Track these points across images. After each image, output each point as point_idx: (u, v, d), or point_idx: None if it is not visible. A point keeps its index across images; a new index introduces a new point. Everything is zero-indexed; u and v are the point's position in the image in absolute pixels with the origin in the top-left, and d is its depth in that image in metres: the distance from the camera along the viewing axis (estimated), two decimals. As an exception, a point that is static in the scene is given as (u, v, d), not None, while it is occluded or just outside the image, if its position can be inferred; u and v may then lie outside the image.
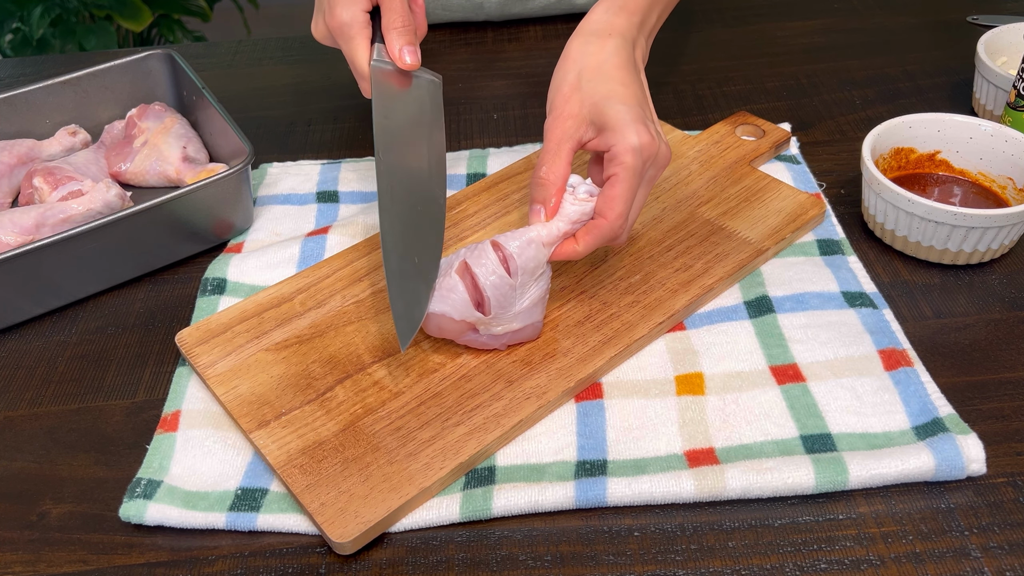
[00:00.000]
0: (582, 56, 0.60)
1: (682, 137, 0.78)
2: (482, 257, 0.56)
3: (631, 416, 0.57)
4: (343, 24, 0.62)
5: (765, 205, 0.69)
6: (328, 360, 0.60)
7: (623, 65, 0.60)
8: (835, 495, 0.52)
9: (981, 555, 0.49)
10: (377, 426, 0.56)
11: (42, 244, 0.62)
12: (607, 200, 0.56)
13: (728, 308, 0.63)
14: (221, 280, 0.69)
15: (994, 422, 0.56)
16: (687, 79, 0.89)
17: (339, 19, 0.62)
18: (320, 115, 0.89)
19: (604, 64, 0.60)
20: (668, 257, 0.66)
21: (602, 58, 0.60)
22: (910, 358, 0.58)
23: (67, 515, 0.55)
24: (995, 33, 0.81)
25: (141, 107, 0.80)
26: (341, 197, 0.77)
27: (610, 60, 0.60)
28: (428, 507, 0.53)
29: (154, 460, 0.56)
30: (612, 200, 0.56)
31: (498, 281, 0.56)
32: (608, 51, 0.60)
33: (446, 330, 0.57)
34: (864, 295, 0.63)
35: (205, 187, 0.67)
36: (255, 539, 0.53)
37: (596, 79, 0.59)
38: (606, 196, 0.56)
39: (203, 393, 0.60)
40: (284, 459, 0.54)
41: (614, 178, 0.56)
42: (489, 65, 0.94)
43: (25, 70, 1.00)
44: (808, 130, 0.81)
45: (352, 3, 0.62)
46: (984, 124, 0.69)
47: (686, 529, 0.52)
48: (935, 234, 0.64)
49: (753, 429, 0.55)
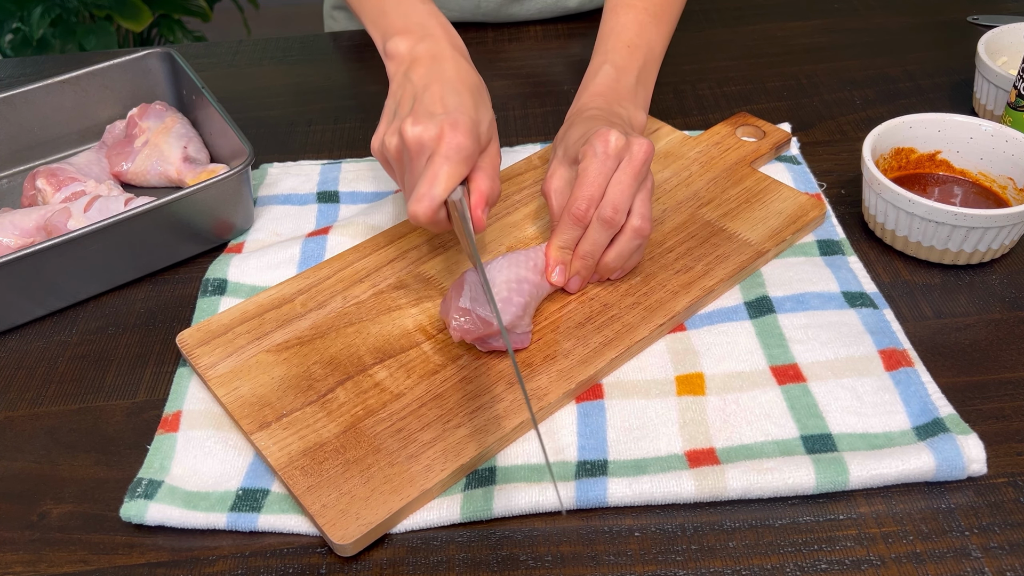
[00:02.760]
0: None
1: (682, 138, 0.78)
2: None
3: (631, 416, 0.57)
4: (462, 146, 0.56)
5: (766, 206, 0.70)
6: (329, 361, 0.60)
7: (595, 119, 0.65)
8: (835, 495, 0.53)
9: (981, 555, 0.49)
10: (378, 427, 0.56)
11: (43, 247, 0.62)
12: (577, 180, 0.60)
13: (728, 308, 0.63)
14: (222, 281, 0.69)
15: (994, 422, 0.56)
16: (687, 79, 0.89)
17: (461, 140, 0.56)
18: (320, 115, 0.89)
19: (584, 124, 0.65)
20: (669, 259, 0.66)
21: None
22: (910, 358, 0.58)
23: (68, 515, 0.55)
24: (995, 33, 0.81)
25: (142, 106, 0.80)
26: (342, 197, 0.77)
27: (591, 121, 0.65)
28: (429, 508, 0.53)
29: (155, 460, 0.56)
30: (579, 176, 0.60)
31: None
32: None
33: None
34: (864, 295, 0.63)
35: (206, 188, 0.67)
36: (256, 539, 0.53)
37: (574, 129, 0.65)
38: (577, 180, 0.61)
39: (204, 393, 0.60)
40: (285, 460, 0.54)
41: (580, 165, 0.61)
42: (489, 65, 0.94)
43: (25, 70, 1.00)
44: (808, 130, 0.81)
45: (477, 139, 0.58)
46: (984, 124, 0.69)
47: (687, 529, 0.52)
48: (935, 234, 0.64)
49: (753, 429, 0.55)
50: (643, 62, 0.70)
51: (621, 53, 0.70)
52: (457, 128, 0.56)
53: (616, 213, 0.59)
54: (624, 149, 0.60)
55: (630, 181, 0.59)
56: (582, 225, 0.60)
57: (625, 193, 0.59)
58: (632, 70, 0.70)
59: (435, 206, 0.56)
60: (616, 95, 0.68)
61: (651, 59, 0.71)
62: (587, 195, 0.59)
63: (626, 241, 0.61)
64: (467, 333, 0.57)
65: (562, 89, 0.90)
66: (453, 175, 0.56)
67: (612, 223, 0.59)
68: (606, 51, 0.71)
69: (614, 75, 0.69)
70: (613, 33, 0.71)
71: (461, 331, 0.57)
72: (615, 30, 0.71)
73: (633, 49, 0.70)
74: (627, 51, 0.70)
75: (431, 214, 0.57)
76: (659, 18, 0.72)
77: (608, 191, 0.60)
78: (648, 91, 0.71)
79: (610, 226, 0.60)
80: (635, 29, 0.71)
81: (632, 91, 0.69)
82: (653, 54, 0.72)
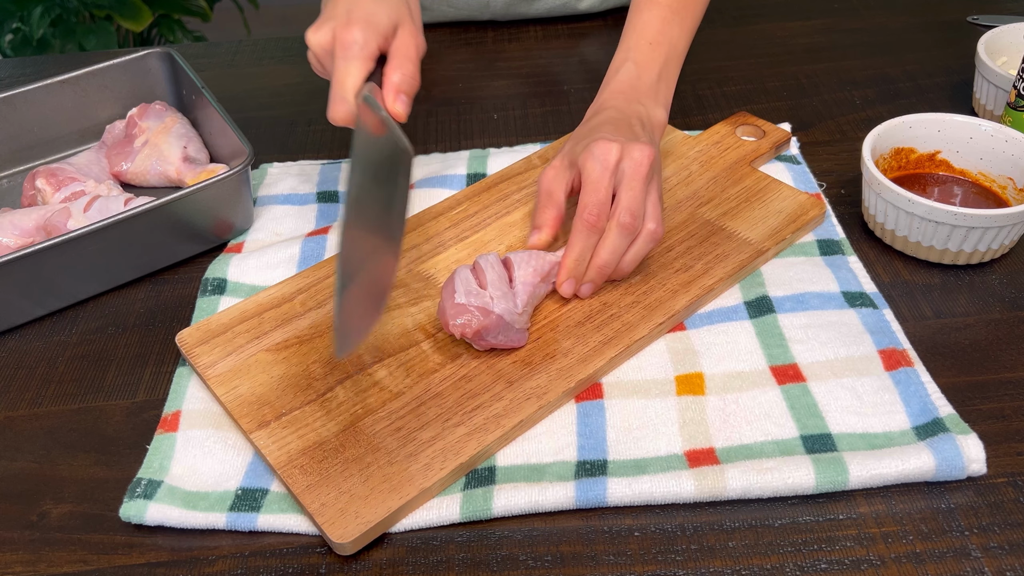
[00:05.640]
0: None
1: (682, 137, 0.78)
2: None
3: (631, 416, 0.57)
4: (353, 42, 0.59)
5: (765, 206, 0.69)
6: (328, 360, 0.60)
7: (609, 120, 0.65)
8: (835, 495, 0.52)
9: (981, 555, 0.49)
10: (377, 426, 0.56)
11: (43, 246, 0.62)
12: (582, 188, 0.61)
13: (728, 308, 0.63)
14: (221, 280, 0.69)
15: (994, 422, 0.56)
16: (687, 79, 0.89)
17: (352, 36, 0.59)
18: (320, 115, 0.88)
19: (593, 127, 0.65)
20: (668, 257, 0.66)
21: (593, 124, 0.66)
22: (910, 358, 0.58)
23: (67, 515, 0.55)
24: (995, 33, 0.81)
25: (142, 106, 0.80)
26: (342, 197, 0.77)
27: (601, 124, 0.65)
28: (428, 507, 0.53)
29: (154, 460, 0.56)
30: (584, 184, 0.60)
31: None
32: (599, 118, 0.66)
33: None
34: (864, 295, 0.63)
35: (206, 188, 0.67)
36: (255, 539, 0.53)
37: (582, 138, 0.65)
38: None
39: (203, 393, 0.60)
40: (284, 459, 0.54)
41: None
42: (489, 65, 0.94)
43: (25, 70, 1.00)
44: (808, 130, 0.81)
45: (373, 29, 0.60)
46: (984, 124, 0.69)
47: (686, 529, 0.52)
48: (935, 234, 0.64)
49: (753, 429, 0.55)
50: (664, 59, 0.70)
51: (643, 50, 0.70)
52: (348, 26, 0.59)
53: (634, 219, 0.59)
54: (625, 156, 0.60)
55: (641, 185, 0.60)
56: (597, 231, 0.60)
57: (639, 198, 0.60)
58: (653, 67, 0.69)
59: (348, 107, 0.58)
60: (636, 92, 0.68)
61: (673, 56, 0.71)
62: (596, 200, 0.59)
63: (642, 245, 0.61)
64: (468, 327, 0.57)
65: (562, 89, 0.90)
66: (354, 73, 0.58)
67: (631, 228, 0.60)
68: (628, 48, 0.70)
69: (635, 72, 0.69)
70: (635, 30, 0.71)
71: (462, 328, 0.57)
72: (637, 27, 0.71)
73: (655, 46, 0.70)
74: (649, 48, 0.70)
75: (349, 116, 0.58)
76: (682, 15, 0.72)
77: (621, 197, 0.60)
78: (670, 88, 0.71)
79: (629, 232, 0.60)
80: (657, 26, 0.70)
81: (652, 88, 0.69)
82: (675, 51, 0.71)
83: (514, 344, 0.59)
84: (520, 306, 0.59)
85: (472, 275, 0.60)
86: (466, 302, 0.57)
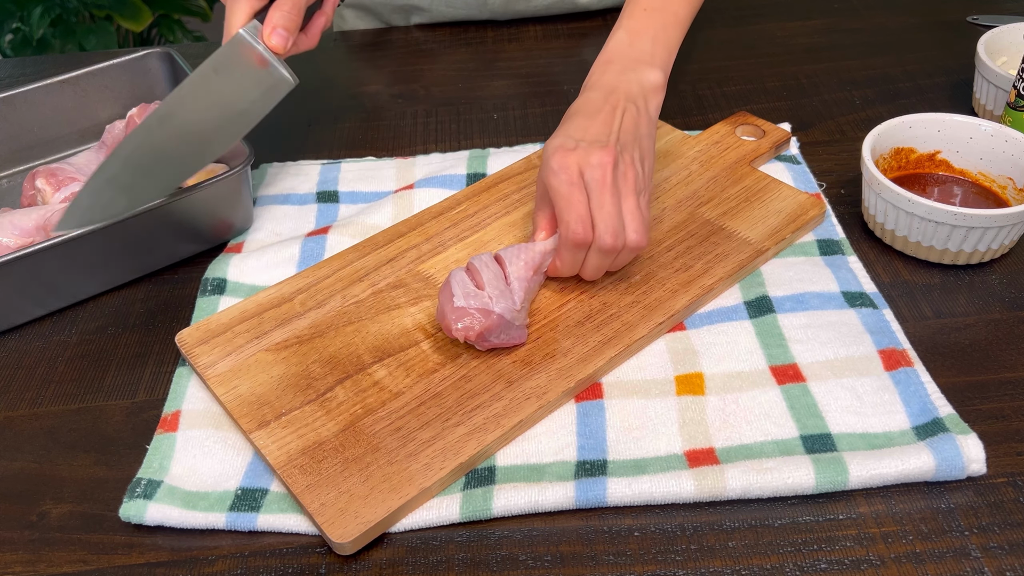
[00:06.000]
0: None
1: (682, 137, 0.78)
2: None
3: (631, 416, 0.57)
4: None
5: (765, 205, 0.69)
6: (328, 360, 0.60)
7: (583, 107, 0.64)
8: (835, 495, 0.52)
9: (981, 555, 0.49)
10: (377, 426, 0.56)
11: (43, 246, 0.62)
12: (556, 205, 0.60)
13: (728, 308, 0.63)
14: (221, 280, 0.69)
15: (994, 422, 0.56)
16: (687, 79, 0.89)
17: None
18: (320, 115, 0.89)
19: None
20: (668, 257, 0.66)
21: None
22: (910, 358, 0.58)
23: (67, 515, 0.55)
24: (995, 33, 0.81)
25: (142, 106, 0.80)
26: (341, 197, 0.77)
27: None
28: (428, 507, 0.53)
29: (154, 460, 0.56)
30: (556, 201, 0.59)
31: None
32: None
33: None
34: (864, 295, 0.63)
35: (205, 188, 0.67)
36: (255, 539, 0.53)
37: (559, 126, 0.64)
38: None
39: (203, 393, 0.60)
40: (284, 459, 0.54)
41: None
42: (489, 65, 0.94)
43: (25, 70, 1.00)
44: (808, 130, 0.81)
45: None
46: (984, 124, 0.69)
47: (686, 529, 0.52)
48: (935, 234, 0.64)
49: (753, 429, 0.55)
50: (660, 24, 0.68)
51: (637, 17, 0.69)
52: None
53: (615, 238, 0.58)
54: (584, 166, 0.59)
55: (610, 198, 0.58)
56: (584, 246, 0.59)
57: (614, 213, 0.58)
58: (646, 33, 0.68)
59: None
60: (626, 59, 0.67)
61: (671, 22, 0.69)
62: (575, 217, 0.58)
63: (627, 255, 0.61)
64: (471, 330, 0.57)
65: (562, 89, 0.90)
66: (237, 11, 0.62)
67: (614, 248, 0.59)
68: (623, 18, 0.69)
69: (627, 40, 0.68)
70: (633, 0, 0.70)
71: (465, 332, 0.57)
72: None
73: (650, 12, 0.69)
74: (643, 15, 0.69)
75: None
76: None
77: (596, 217, 0.58)
78: (668, 52, 0.69)
79: (613, 251, 0.59)
80: None
81: (646, 53, 0.67)
82: (676, 17, 0.69)
83: (515, 342, 0.59)
84: (518, 302, 0.59)
85: (468, 276, 0.60)
86: (465, 304, 0.57)
